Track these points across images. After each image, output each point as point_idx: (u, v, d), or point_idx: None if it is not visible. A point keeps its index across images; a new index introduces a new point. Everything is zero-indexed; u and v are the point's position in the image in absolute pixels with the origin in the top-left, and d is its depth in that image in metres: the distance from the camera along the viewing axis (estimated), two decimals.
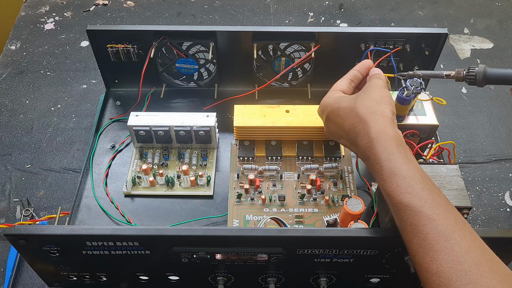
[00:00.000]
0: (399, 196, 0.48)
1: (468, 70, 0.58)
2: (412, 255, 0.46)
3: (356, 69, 0.64)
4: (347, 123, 0.57)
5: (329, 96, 0.62)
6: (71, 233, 0.50)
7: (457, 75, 0.59)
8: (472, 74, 0.58)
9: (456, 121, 0.86)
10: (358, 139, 0.55)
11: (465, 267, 0.42)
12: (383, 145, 0.51)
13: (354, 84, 0.63)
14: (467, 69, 0.58)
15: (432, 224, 0.45)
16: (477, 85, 0.58)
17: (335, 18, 1.05)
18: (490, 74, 0.57)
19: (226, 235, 0.52)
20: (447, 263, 0.43)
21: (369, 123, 0.54)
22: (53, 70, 0.93)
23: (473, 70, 0.58)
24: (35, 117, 0.85)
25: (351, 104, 0.58)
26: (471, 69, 0.58)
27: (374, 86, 0.59)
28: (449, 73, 0.60)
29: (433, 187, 0.48)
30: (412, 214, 0.46)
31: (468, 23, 1.04)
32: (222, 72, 0.82)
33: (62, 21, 1.03)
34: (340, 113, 0.58)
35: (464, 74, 0.59)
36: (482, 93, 0.89)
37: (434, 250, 0.44)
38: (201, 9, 1.07)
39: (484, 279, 0.41)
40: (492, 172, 0.79)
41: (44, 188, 0.75)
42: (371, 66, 0.64)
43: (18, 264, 0.67)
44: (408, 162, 0.50)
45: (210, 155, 0.74)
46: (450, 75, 0.60)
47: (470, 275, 0.41)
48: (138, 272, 0.58)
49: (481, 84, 0.58)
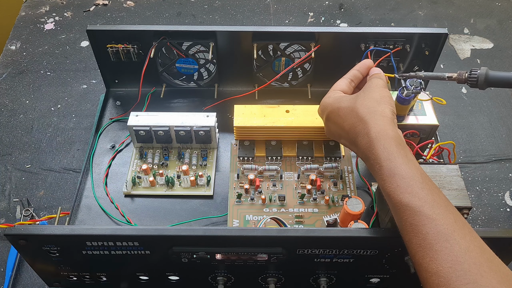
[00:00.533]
0: (398, 196, 0.48)
1: (470, 73, 0.58)
2: (412, 255, 0.46)
3: (356, 69, 0.64)
4: (347, 123, 0.57)
5: (329, 96, 0.62)
6: (71, 233, 0.50)
7: (459, 77, 0.59)
8: (474, 77, 0.58)
9: (456, 121, 0.86)
10: (358, 139, 0.55)
11: (465, 267, 0.42)
12: (383, 145, 0.51)
13: (354, 84, 0.63)
14: (469, 72, 0.58)
15: (432, 224, 0.45)
16: (479, 88, 0.58)
17: (335, 18, 1.05)
18: (492, 77, 0.57)
19: (226, 235, 0.52)
20: (447, 263, 0.43)
21: (369, 123, 0.54)
22: (53, 70, 0.93)
23: (475, 73, 0.58)
24: (35, 117, 0.85)
25: (351, 104, 0.58)
26: (473, 71, 0.58)
27: (374, 85, 0.59)
28: (451, 75, 0.60)
29: (433, 187, 0.48)
30: (411, 214, 0.46)
31: (468, 23, 1.04)
32: (222, 72, 0.82)
33: (62, 21, 1.03)
34: (340, 113, 0.58)
35: (466, 76, 0.58)
36: (482, 93, 0.89)
37: (434, 250, 0.44)
38: (201, 9, 1.07)
39: (483, 279, 0.41)
40: (492, 172, 0.79)
41: (44, 188, 0.75)
42: (371, 66, 0.64)
43: (18, 264, 0.67)
44: (408, 162, 0.50)
45: (210, 155, 0.74)
46: (452, 77, 0.60)
47: (469, 275, 0.41)
48: (138, 272, 0.58)
49: (483, 87, 0.58)
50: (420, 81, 0.63)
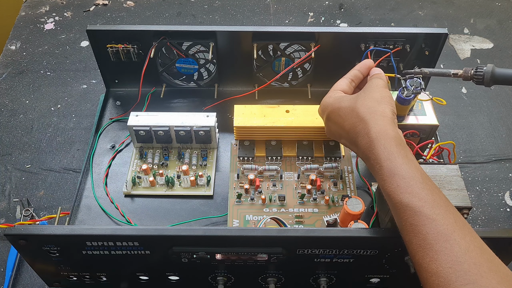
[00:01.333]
0: (398, 196, 0.48)
1: (476, 70, 0.58)
2: (412, 255, 0.46)
3: (356, 69, 0.64)
4: (348, 123, 0.57)
5: (330, 96, 0.62)
6: (71, 233, 0.50)
7: (464, 74, 0.59)
8: (480, 74, 0.58)
9: (456, 121, 0.86)
10: (358, 139, 0.55)
11: (465, 267, 0.42)
12: (383, 145, 0.51)
13: (354, 84, 0.63)
14: (475, 69, 0.58)
15: (432, 224, 0.45)
16: (485, 85, 0.58)
17: (335, 18, 1.05)
18: (498, 74, 0.57)
19: (226, 235, 0.52)
20: (447, 263, 0.43)
21: (369, 123, 0.54)
22: (53, 70, 0.93)
23: (481, 70, 0.57)
24: (35, 117, 0.85)
25: (351, 104, 0.58)
26: (479, 68, 0.58)
27: (374, 86, 0.59)
28: (457, 72, 0.60)
29: (433, 187, 0.48)
30: (411, 214, 0.46)
31: (468, 23, 1.04)
32: (222, 72, 0.82)
33: (62, 21, 1.03)
34: (341, 113, 0.58)
35: (472, 73, 0.58)
36: (482, 93, 0.89)
37: (434, 250, 0.44)
38: (201, 9, 1.07)
39: (483, 279, 0.41)
40: (492, 172, 0.79)
41: (44, 188, 0.75)
42: (371, 66, 0.64)
43: (18, 264, 0.67)
44: (408, 162, 0.50)
45: (210, 155, 0.74)
46: (457, 74, 0.60)
47: (469, 275, 0.41)
48: (138, 272, 0.58)
49: (489, 84, 0.58)
50: (420, 81, 0.63)
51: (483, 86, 0.59)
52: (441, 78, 0.90)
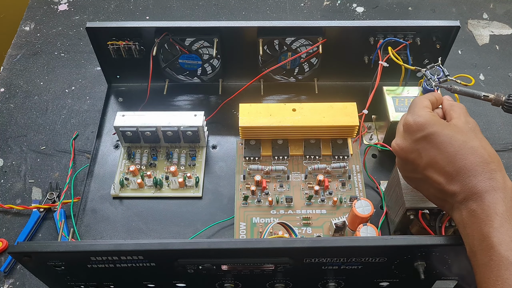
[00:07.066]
0: (506, 251, 0.42)
1: (508, 97, 0.57)
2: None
3: (432, 95, 0.55)
4: (463, 157, 0.47)
5: (431, 113, 0.52)
6: (74, 249, 0.49)
7: (496, 99, 0.58)
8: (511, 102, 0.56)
9: (473, 108, 0.82)
10: (481, 182, 0.46)
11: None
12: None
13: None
14: (508, 96, 0.57)
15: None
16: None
17: (352, 1, 1.01)
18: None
19: (231, 247, 0.51)
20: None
21: (503, 172, 0.47)
22: (67, 51, 0.92)
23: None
24: (50, 99, 0.84)
25: (467, 138, 0.49)
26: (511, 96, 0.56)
27: (477, 128, 0.52)
28: (487, 95, 0.59)
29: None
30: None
31: (488, 8, 1.00)
32: (227, 67, 0.80)
33: (76, 2, 1.01)
34: (453, 141, 0.49)
35: (504, 100, 0.57)
36: (500, 80, 0.86)
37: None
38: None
39: None
40: (509, 160, 0.76)
41: (59, 170, 0.75)
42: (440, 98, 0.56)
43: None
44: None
45: (199, 154, 0.73)
46: (488, 97, 0.58)
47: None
48: (145, 281, 0.58)
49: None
50: (440, 68, 0.63)
51: (501, 73, 0.57)
52: (458, 64, 0.87)
